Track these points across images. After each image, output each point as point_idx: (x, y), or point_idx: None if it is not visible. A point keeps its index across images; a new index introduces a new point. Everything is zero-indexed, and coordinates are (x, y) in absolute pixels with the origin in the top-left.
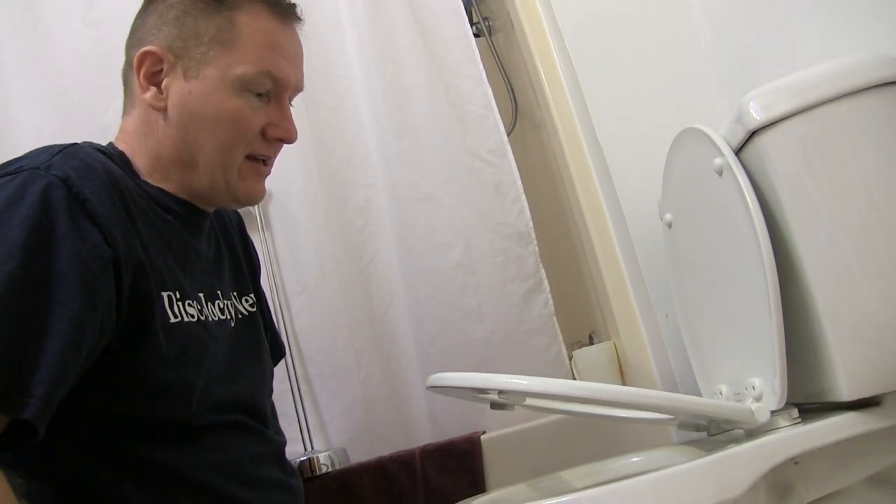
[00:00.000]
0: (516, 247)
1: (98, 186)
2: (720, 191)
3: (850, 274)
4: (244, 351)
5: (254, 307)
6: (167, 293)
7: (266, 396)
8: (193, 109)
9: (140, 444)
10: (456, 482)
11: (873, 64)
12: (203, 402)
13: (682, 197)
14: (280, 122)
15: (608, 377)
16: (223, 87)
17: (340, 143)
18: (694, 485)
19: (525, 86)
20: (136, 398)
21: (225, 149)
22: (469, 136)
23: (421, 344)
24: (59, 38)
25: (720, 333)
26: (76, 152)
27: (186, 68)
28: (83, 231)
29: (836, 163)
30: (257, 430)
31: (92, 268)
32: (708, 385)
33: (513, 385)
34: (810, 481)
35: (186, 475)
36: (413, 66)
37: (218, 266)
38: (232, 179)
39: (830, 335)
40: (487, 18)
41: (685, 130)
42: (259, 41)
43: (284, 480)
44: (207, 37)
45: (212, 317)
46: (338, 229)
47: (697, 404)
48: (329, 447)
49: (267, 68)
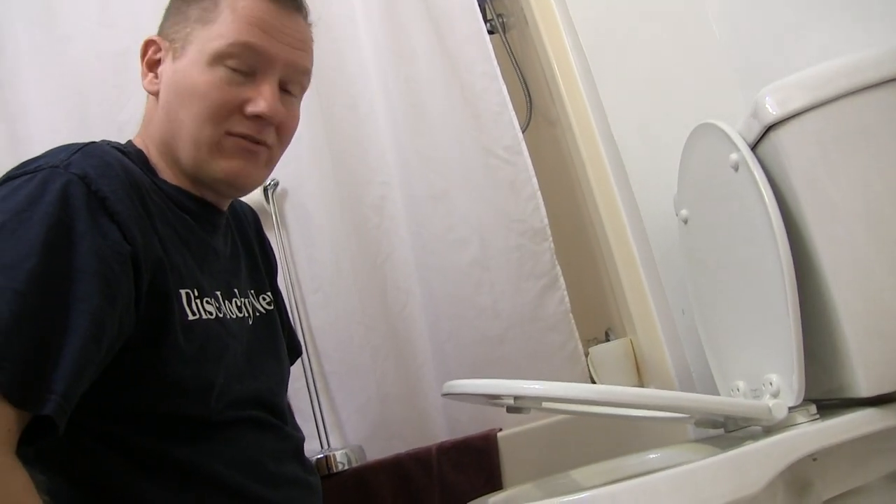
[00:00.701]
0: (531, 244)
1: (116, 184)
2: (736, 186)
3: (868, 268)
4: (262, 348)
5: (271, 305)
6: (185, 290)
7: (284, 393)
8: (175, 87)
9: (159, 440)
10: (472, 479)
11: (889, 58)
12: (222, 398)
13: (698, 193)
14: (256, 97)
15: (624, 374)
16: (200, 62)
17: (355, 141)
18: (711, 481)
19: (540, 82)
20: (155, 395)
21: (197, 122)
22: (484, 134)
23: (436, 341)
24: (75, 38)
25: (737, 329)
26: (95, 150)
27: (175, 50)
28: (102, 228)
29: (852, 157)
30: (276, 427)
31: (111, 264)
32: (725, 381)
33: (528, 390)
34: (829, 478)
35: (205, 471)
36: (427, 63)
37: (235, 264)
38: (206, 155)
39: (848, 330)
40: (501, 15)
41: (701, 126)
42: (238, 16)
43: (303, 478)
44: (192, 18)
45: (230, 314)
46: (353, 227)
47: (714, 403)
48: (345, 445)
49: (243, 39)
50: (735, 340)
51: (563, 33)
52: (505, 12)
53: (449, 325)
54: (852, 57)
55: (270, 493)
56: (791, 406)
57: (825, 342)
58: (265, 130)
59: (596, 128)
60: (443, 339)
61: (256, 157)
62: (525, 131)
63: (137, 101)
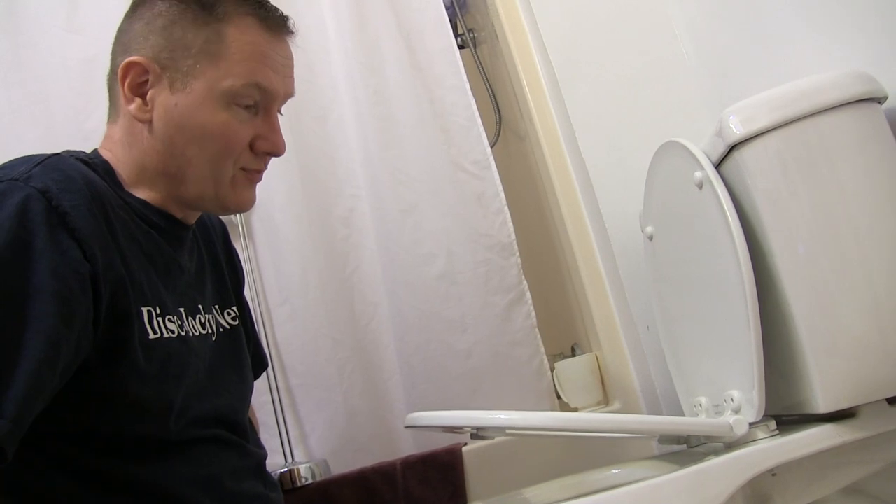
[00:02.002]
0: (499, 258)
1: (78, 199)
2: (700, 204)
3: (827, 288)
4: (225, 365)
5: (236, 320)
6: (147, 308)
7: (246, 410)
8: (180, 123)
9: (116, 460)
10: (437, 494)
11: (850, 80)
12: (182, 417)
13: (662, 209)
14: (268, 134)
15: (589, 389)
16: (211, 101)
17: (324, 153)
18: (672, 496)
19: (509, 98)
20: (112, 415)
21: (214, 162)
22: (453, 148)
23: (404, 355)
24: (42, 44)
25: (700, 346)
26: (57, 164)
27: (173, 80)
28: (61, 245)
29: (813, 177)
30: (238, 445)
31: (69, 283)
32: (688, 397)
33: (490, 421)
34: (788, 493)
35: (164, 491)
36: (398, 76)
37: (200, 280)
38: (223, 191)
39: (807, 348)
40: (472, 30)
41: (666, 144)
42: (247, 53)
43: (264, 494)
44: (195, 48)
45: (192, 332)
46: (321, 239)
47: (676, 424)
48: (310, 459)
49: (255, 80)
50: (698, 357)
51: (533, 49)
52: (476, 27)
53: (416, 338)
54: (815, 78)
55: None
56: (751, 422)
57: (785, 359)
58: (267, 160)
59: (564, 143)
60: (410, 352)
61: (258, 182)
62: (494, 146)
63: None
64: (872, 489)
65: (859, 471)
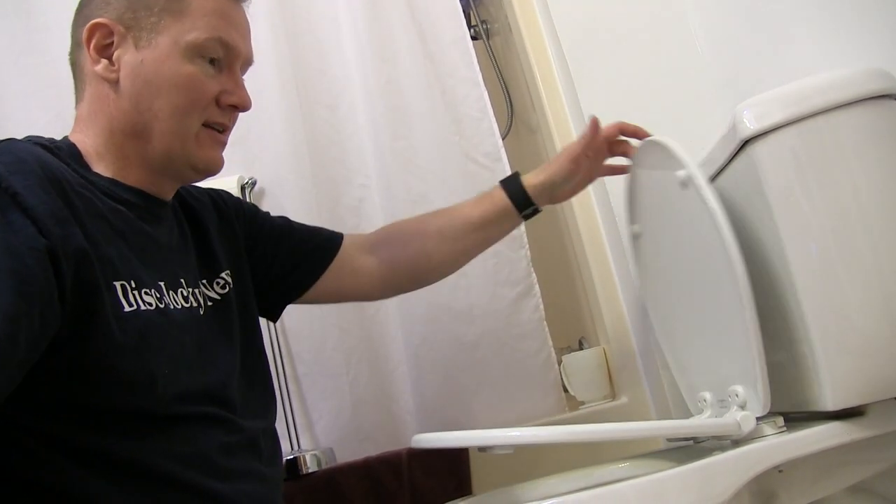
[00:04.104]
0: (508, 250)
1: (30, 180)
2: (686, 202)
3: (839, 285)
4: (214, 339)
5: (225, 288)
6: (121, 283)
7: (235, 384)
8: (146, 78)
9: (104, 436)
10: (442, 484)
11: (865, 77)
12: (168, 390)
13: (648, 209)
14: (234, 89)
15: (596, 382)
16: (176, 54)
17: (335, 142)
18: (678, 491)
19: (521, 90)
20: (93, 389)
21: (180, 114)
22: (464, 139)
23: (410, 345)
24: (54, 29)
25: (698, 343)
26: (9, 147)
27: (137, 38)
28: (14, 224)
29: (826, 174)
30: (227, 420)
31: (25, 260)
32: (692, 392)
33: (497, 440)
34: (793, 490)
35: (150, 467)
36: (410, 67)
37: (183, 255)
38: (189, 146)
39: (817, 345)
40: (486, 22)
41: (648, 143)
42: (208, 9)
43: (257, 469)
44: (158, 7)
45: (174, 304)
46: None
47: (683, 428)
48: (316, 447)
49: (218, 34)
50: (698, 353)
51: (546, 42)
52: (489, 19)
53: (423, 329)
54: (830, 74)
55: (220, 486)
56: (758, 416)
57: (794, 356)
58: (234, 117)
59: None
60: (416, 343)
61: (224, 145)
62: (505, 138)
63: None
64: (879, 488)
65: (866, 469)
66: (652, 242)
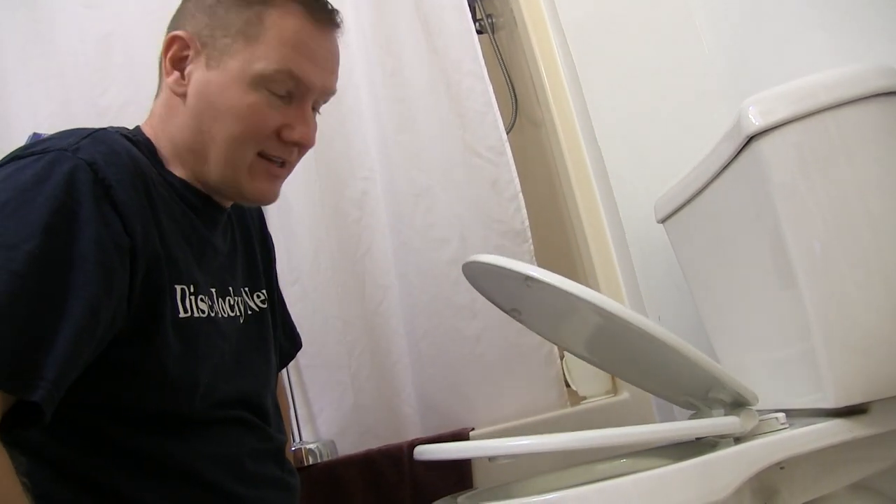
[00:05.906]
0: (511, 245)
1: (123, 174)
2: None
3: (842, 282)
4: (251, 348)
5: (265, 303)
6: (181, 286)
7: (270, 393)
8: (210, 99)
9: (140, 433)
10: (443, 478)
11: (872, 74)
12: (207, 397)
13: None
14: (296, 124)
15: (598, 378)
16: (241, 81)
17: (339, 134)
18: (680, 486)
19: (526, 84)
20: (139, 389)
21: (235, 143)
22: (468, 133)
23: (413, 338)
24: (59, 19)
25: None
26: (104, 137)
27: (209, 57)
28: (106, 216)
29: (831, 171)
30: (259, 427)
31: (111, 254)
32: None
33: (501, 450)
34: (795, 486)
35: (182, 465)
36: (415, 60)
37: (232, 262)
38: (241, 175)
39: (821, 342)
40: (491, 15)
41: (471, 264)
42: (284, 39)
43: (282, 478)
44: (234, 28)
45: (222, 313)
46: (333, 221)
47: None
48: (317, 439)
49: (288, 67)
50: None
51: (552, 36)
52: (495, 13)
53: (425, 323)
54: (836, 71)
55: (244, 490)
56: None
57: (798, 353)
58: (295, 152)
59: (580, 131)
60: (418, 336)
61: (281, 178)
62: (509, 132)
63: (120, 85)
64: (881, 486)
65: (868, 467)
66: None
